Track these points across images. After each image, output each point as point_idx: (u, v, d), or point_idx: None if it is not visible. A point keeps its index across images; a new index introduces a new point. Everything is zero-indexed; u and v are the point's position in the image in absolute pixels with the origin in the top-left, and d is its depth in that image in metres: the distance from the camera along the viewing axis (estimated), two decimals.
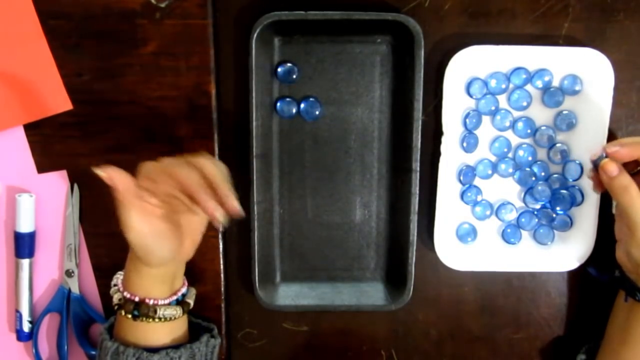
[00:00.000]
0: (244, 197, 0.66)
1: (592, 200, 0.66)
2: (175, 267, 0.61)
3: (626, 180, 0.57)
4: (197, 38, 0.65)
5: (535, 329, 0.71)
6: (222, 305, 0.70)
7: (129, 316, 0.59)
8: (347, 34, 0.66)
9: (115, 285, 0.62)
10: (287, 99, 0.67)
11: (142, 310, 0.59)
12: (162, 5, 0.65)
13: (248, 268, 0.67)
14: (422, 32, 0.62)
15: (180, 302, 0.62)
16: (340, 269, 0.71)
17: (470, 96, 0.66)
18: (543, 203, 0.68)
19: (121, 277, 0.62)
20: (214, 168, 0.52)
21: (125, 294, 0.59)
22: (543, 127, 0.67)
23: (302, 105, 0.67)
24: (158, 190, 0.54)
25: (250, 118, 0.64)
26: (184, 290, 0.62)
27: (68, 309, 0.69)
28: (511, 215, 0.69)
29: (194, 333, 0.65)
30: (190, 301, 0.63)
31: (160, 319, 0.59)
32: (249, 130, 0.64)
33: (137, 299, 0.59)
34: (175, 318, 0.61)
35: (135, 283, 0.59)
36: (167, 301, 0.60)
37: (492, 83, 0.66)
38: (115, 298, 0.61)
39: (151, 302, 0.59)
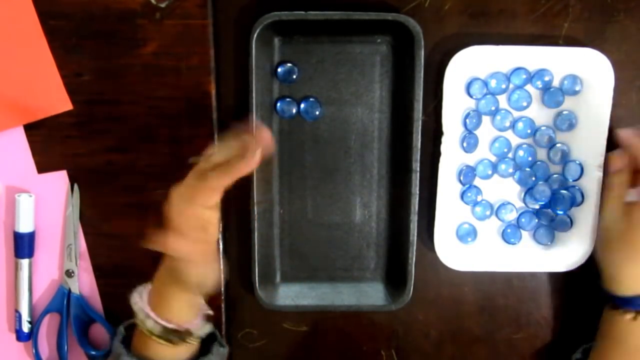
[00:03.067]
0: (244, 197, 0.66)
1: (592, 201, 0.66)
2: None
3: (615, 179, 0.60)
4: (197, 38, 0.65)
5: (535, 329, 0.71)
6: (223, 305, 0.70)
7: (161, 341, 0.58)
8: (347, 34, 0.66)
9: (135, 303, 0.59)
10: (287, 99, 0.67)
11: (181, 336, 0.58)
12: (162, 5, 0.65)
13: (248, 268, 0.67)
14: (422, 32, 0.62)
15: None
16: (340, 269, 0.71)
17: (470, 96, 0.66)
18: (543, 203, 0.68)
19: (145, 293, 0.59)
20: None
21: (162, 322, 0.57)
22: (543, 127, 0.67)
23: (302, 105, 0.67)
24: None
25: (250, 118, 0.64)
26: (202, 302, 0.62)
27: (68, 309, 0.69)
28: (511, 215, 0.69)
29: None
30: (210, 311, 0.62)
31: (195, 340, 0.59)
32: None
33: (179, 328, 0.58)
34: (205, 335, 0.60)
35: (175, 312, 0.58)
36: (199, 321, 0.60)
37: (492, 83, 0.66)
38: (142, 317, 0.58)
39: (191, 326, 0.59)
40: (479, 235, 0.69)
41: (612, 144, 0.66)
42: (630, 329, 0.62)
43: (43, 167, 0.68)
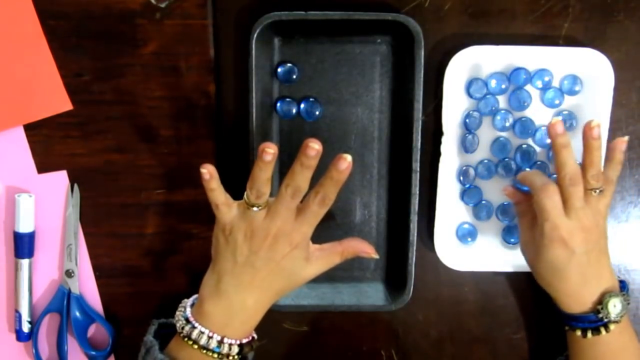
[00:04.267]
0: None
1: None
2: None
3: (567, 139, 0.58)
4: (197, 38, 0.65)
5: (536, 329, 0.71)
6: None
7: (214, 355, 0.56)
8: (347, 34, 0.66)
9: (186, 318, 0.58)
10: (287, 99, 0.67)
11: (245, 349, 0.57)
12: (162, 5, 0.65)
13: None
14: (422, 32, 0.62)
15: None
16: (340, 269, 0.70)
17: (470, 96, 0.66)
18: None
19: (191, 305, 0.58)
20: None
21: (227, 340, 0.56)
22: (543, 127, 0.67)
23: (302, 106, 0.67)
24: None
25: (250, 118, 0.64)
26: None
27: (68, 309, 0.69)
28: (511, 216, 0.69)
29: None
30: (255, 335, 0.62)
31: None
32: (249, 130, 0.64)
33: (242, 341, 0.57)
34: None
35: (246, 327, 0.58)
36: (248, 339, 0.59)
37: (492, 83, 0.66)
38: (192, 332, 0.56)
39: (250, 339, 0.58)
40: (479, 235, 0.69)
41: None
42: (581, 346, 0.62)
43: (43, 167, 0.68)
